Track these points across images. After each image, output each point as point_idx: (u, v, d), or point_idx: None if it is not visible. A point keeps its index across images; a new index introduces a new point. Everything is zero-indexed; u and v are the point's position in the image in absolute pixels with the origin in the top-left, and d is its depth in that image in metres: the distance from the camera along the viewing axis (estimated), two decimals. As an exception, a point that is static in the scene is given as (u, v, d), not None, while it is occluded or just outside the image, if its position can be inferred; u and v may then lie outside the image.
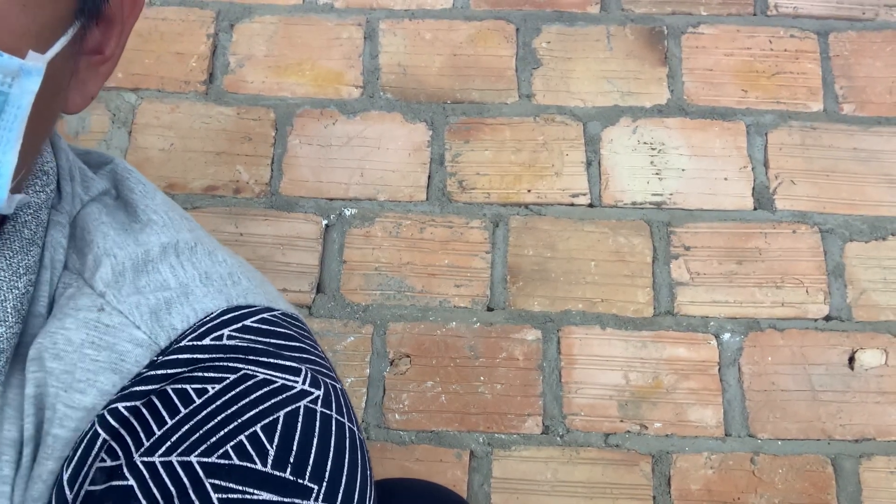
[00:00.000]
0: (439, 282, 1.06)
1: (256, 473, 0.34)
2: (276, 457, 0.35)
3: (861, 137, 1.12)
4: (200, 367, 0.36)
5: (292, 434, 0.36)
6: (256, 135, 1.12)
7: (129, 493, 0.34)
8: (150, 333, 0.38)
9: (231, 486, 0.34)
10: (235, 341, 0.38)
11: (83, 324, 0.37)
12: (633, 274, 1.06)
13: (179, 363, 0.37)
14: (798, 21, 1.18)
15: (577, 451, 1.00)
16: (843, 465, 0.99)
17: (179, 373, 0.36)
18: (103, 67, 0.39)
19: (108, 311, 0.38)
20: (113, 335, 0.37)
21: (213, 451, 0.34)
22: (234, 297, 0.41)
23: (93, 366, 0.37)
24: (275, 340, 0.39)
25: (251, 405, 0.36)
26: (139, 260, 0.40)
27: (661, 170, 1.10)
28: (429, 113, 1.13)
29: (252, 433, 0.35)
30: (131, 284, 0.39)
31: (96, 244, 0.40)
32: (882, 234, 1.08)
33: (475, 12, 1.18)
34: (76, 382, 0.36)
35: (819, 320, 1.04)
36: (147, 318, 0.38)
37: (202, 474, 0.34)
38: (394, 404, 1.01)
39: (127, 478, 0.34)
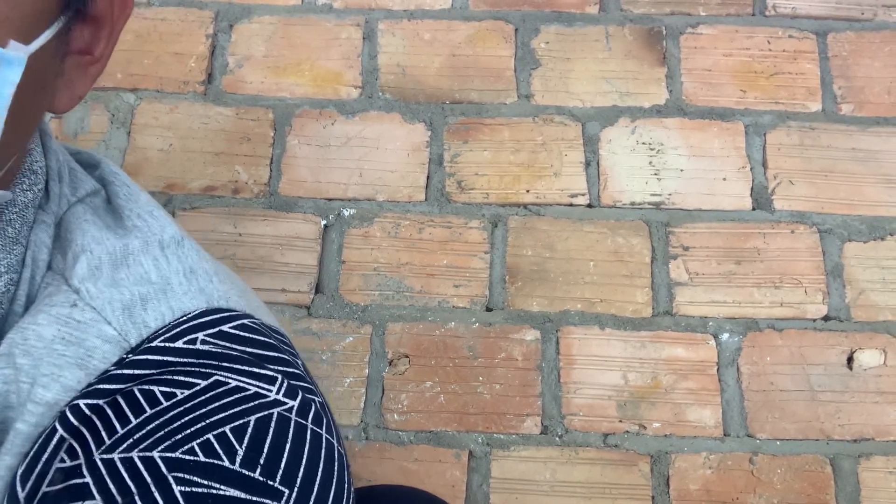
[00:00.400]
0: (438, 282, 1.06)
1: (224, 470, 0.33)
2: (244, 457, 0.33)
3: (859, 137, 1.12)
4: (170, 371, 0.35)
5: (263, 437, 0.34)
6: (255, 135, 1.12)
7: (84, 490, 0.32)
8: (121, 330, 0.37)
9: (195, 479, 0.32)
10: (209, 346, 0.36)
11: (55, 319, 0.36)
12: (632, 274, 1.06)
13: (149, 364, 0.35)
14: (796, 21, 1.18)
15: (575, 451, 1.00)
16: (841, 465, 0.99)
17: (148, 374, 0.35)
18: (92, 68, 0.38)
19: (80, 307, 0.37)
20: (83, 331, 0.36)
21: (178, 447, 0.33)
22: (216, 298, 0.39)
23: (59, 360, 0.35)
24: (252, 349, 0.38)
25: (221, 409, 0.35)
26: (118, 253, 0.39)
27: (659, 170, 1.11)
28: (427, 113, 1.13)
29: (221, 433, 0.34)
30: (108, 277, 0.38)
31: (75, 242, 0.39)
32: (880, 234, 1.08)
33: (474, 13, 1.18)
34: (40, 377, 0.35)
35: (818, 320, 1.05)
36: (119, 314, 0.37)
37: (164, 469, 0.32)
38: (393, 404, 1.01)
39: (84, 475, 0.33)
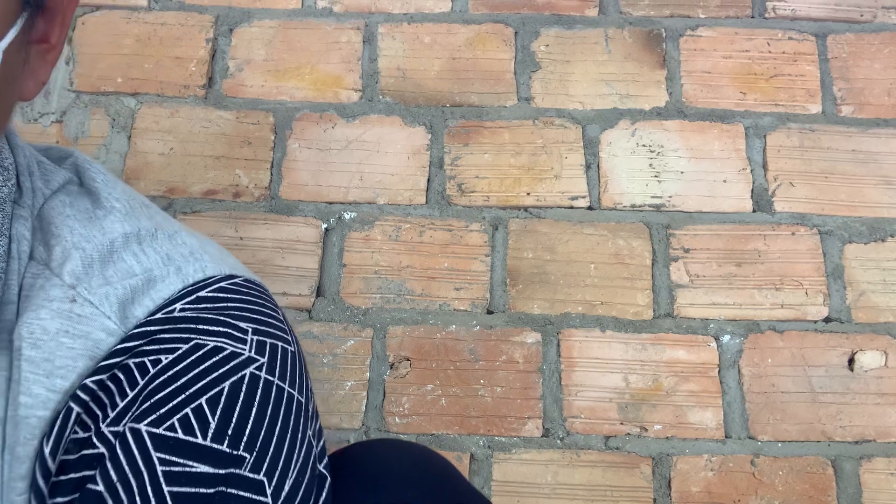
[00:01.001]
0: (439, 285, 1.06)
1: (197, 447, 0.38)
2: (216, 429, 0.39)
3: (859, 139, 1.12)
4: (154, 339, 0.40)
5: (233, 406, 0.40)
6: (256, 139, 1.12)
7: (99, 458, 0.38)
8: (119, 322, 0.41)
9: (174, 458, 0.38)
10: (186, 312, 0.41)
11: (57, 314, 0.40)
12: (633, 276, 1.06)
13: (136, 337, 0.40)
14: (796, 23, 1.18)
15: (577, 453, 1.00)
16: (843, 467, 0.99)
17: (137, 345, 0.40)
18: (50, 55, 0.40)
19: (80, 302, 0.40)
20: (86, 324, 0.40)
21: (162, 422, 0.38)
22: (191, 274, 0.44)
23: (70, 353, 0.39)
24: (227, 306, 0.42)
25: (200, 375, 0.40)
26: (105, 251, 0.42)
27: (659, 172, 1.11)
28: (428, 116, 1.13)
29: (197, 406, 0.39)
30: (100, 275, 0.41)
31: (64, 238, 0.42)
32: (881, 236, 1.08)
33: (473, 16, 1.19)
34: (56, 370, 0.39)
35: (818, 322, 1.05)
36: (116, 309, 0.41)
37: (149, 444, 0.38)
38: (394, 407, 1.01)
39: (97, 446, 0.38)
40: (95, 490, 0.37)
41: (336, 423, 0.99)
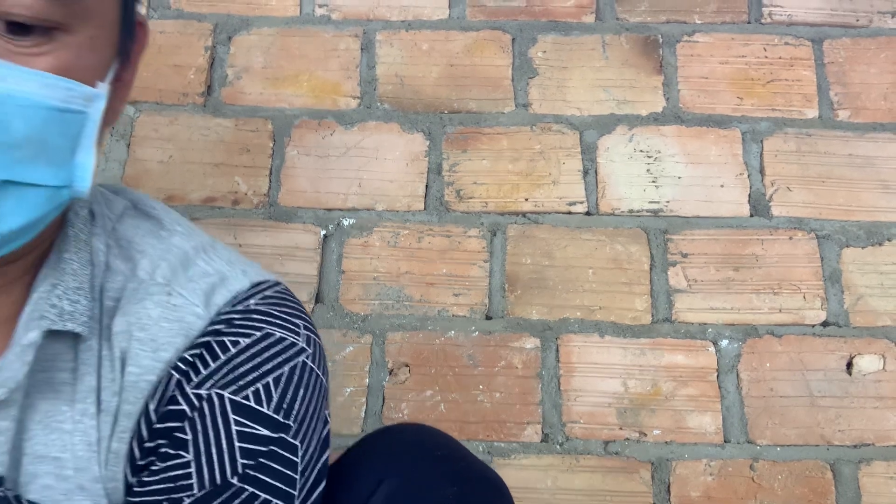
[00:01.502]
0: (438, 291, 1.06)
1: (260, 414, 0.50)
2: (276, 403, 0.51)
3: (856, 144, 1.12)
4: (235, 325, 0.52)
5: (289, 385, 0.52)
6: (254, 146, 1.13)
7: (182, 413, 0.50)
8: (205, 309, 0.53)
9: (244, 420, 0.50)
10: (259, 306, 0.54)
11: (157, 305, 0.52)
12: (631, 281, 1.07)
13: (220, 322, 0.52)
14: (792, 28, 1.18)
15: (576, 458, 1.00)
16: (842, 471, 1.00)
17: (221, 328, 0.52)
18: (124, 91, 0.52)
19: (174, 295, 0.53)
20: (180, 311, 0.52)
21: (240, 391, 0.51)
22: (253, 276, 0.56)
23: (169, 332, 0.51)
24: (286, 305, 0.55)
25: (270, 359, 0.52)
26: (183, 259, 0.55)
27: (657, 177, 1.11)
28: (426, 123, 1.14)
29: (265, 383, 0.51)
30: (184, 276, 0.54)
31: (147, 252, 0.54)
32: (878, 240, 1.08)
33: (471, 23, 1.19)
34: (160, 346, 0.51)
35: (817, 326, 1.05)
36: (201, 299, 0.53)
37: (229, 407, 0.50)
38: (393, 413, 1.01)
39: (180, 402, 0.50)
40: (183, 438, 0.49)
41: (336, 429, 1.00)
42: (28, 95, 0.41)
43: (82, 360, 0.50)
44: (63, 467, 0.49)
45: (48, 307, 0.48)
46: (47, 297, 0.49)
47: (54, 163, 0.45)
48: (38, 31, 0.42)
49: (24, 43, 0.41)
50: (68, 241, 0.51)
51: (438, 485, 0.56)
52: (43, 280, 0.50)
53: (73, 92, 0.44)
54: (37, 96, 0.42)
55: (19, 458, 0.48)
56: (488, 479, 0.61)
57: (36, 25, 0.41)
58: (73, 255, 0.51)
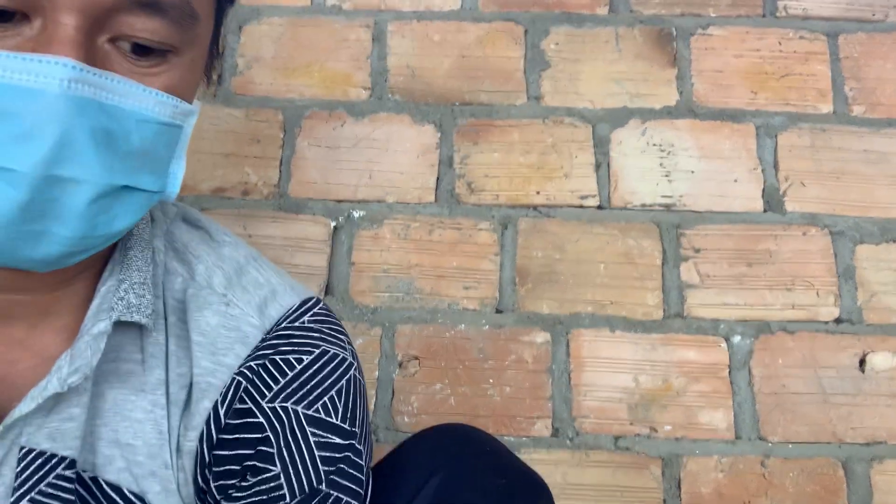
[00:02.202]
0: (448, 284, 1.06)
1: (332, 424, 0.56)
2: (342, 413, 0.56)
3: (871, 139, 1.11)
4: (293, 343, 0.57)
5: (349, 396, 0.57)
6: (265, 136, 1.12)
7: (259, 426, 0.54)
8: (260, 321, 0.58)
9: (319, 432, 0.55)
10: (312, 324, 0.59)
11: (216, 313, 0.57)
12: (643, 276, 1.06)
13: (281, 338, 0.57)
14: (807, 23, 1.17)
15: (586, 453, 0.99)
16: (853, 469, 0.99)
17: (281, 344, 0.57)
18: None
19: (232, 306, 0.57)
20: (237, 321, 0.57)
21: (311, 405, 0.56)
22: (301, 293, 0.61)
23: (227, 339, 0.56)
24: (331, 323, 0.61)
25: (329, 374, 0.57)
26: (237, 268, 0.60)
27: (670, 171, 1.10)
28: (437, 115, 1.13)
29: (330, 396, 0.56)
30: (239, 285, 0.59)
31: (203, 259, 0.59)
32: (893, 237, 1.07)
33: (483, 14, 1.18)
34: (219, 350, 0.56)
35: (830, 323, 1.04)
36: (256, 310, 0.58)
37: (304, 421, 0.55)
38: (403, 406, 1.01)
39: (257, 416, 0.55)
40: (269, 451, 0.54)
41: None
42: (145, 111, 0.46)
43: (150, 353, 0.54)
44: (136, 453, 0.53)
45: (116, 300, 0.52)
46: (115, 291, 0.52)
47: (155, 171, 0.49)
48: (157, 52, 0.46)
49: (143, 63, 0.46)
50: (133, 239, 0.55)
51: (486, 477, 0.60)
52: (110, 275, 0.53)
53: (178, 109, 0.48)
54: (152, 112, 0.46)
55: (95, 442, 0.52)
56: (533, 476, 0.65)
57: (157, 48, 0.46)
58: (137, 252, 0.55)
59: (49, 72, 0.41)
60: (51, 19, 0.42)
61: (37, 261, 0.46)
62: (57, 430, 0.49)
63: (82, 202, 0.44)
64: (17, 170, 0.41)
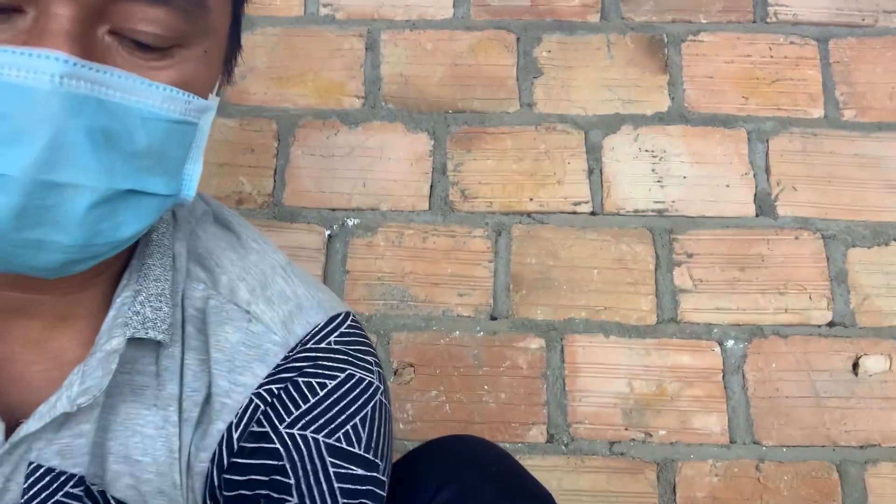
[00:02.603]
0: (442, 291, 1.06)
1: (354, 454, 0.52)
2: (365, 443, 0.53)
3: (862, 143, 1.12)
4: (318, 365, 0.54)
5: (374, 424, 0.54)
6: (259, 146, 1.13)
7: (275, 452, 0.51)
8: (283, 339, 0.54)
9: (340, 462, 0.52)
10: (338, 346, 0.55)
11: (237, 329, 0.54)
12: (636, 281, 1.06)
13: (305, 359, 0.54)
14: (798, 28, 1.18)
15: (581, 459, 1.00)
16: (848, 472, 0.99)
17: (305, 366, 0.54)
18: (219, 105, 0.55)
19: (254, 322, 0.54)
20: (259, 338, 0.54)
21: (333, 434, 0.52)
22: (328, 308, 0.57)
23: (247, 357, 0.53)
24: (360, 342, 0.57)
25: (354, 400, 0.54)
26: (262, 280, 0.56)
27: (662, 177, 1.11)
28: (430, 122, 1.14)
29: (353, 424, 0.53)
30: (263, 297, 0.55)
31: (227, 269, 0.56)
32: (885, 240, 1.08)
33: (476, 22, 1.19)
34: (236, 367, 0.53)
35: (822, 326, 1.04)
36: (280, 327, 0.54)
37: (325, 451, 0.52)
38: (398, 414, 1.01)
39: (274, 441, 0.51)
40: (286, 482, 0.51)
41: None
42: (151, 108, 0.42)
43: (164, 367, 0.52)
44: (144, 470, 0.51)
45: (131, 314, 0.49)
46: (130, 304, 0.50)
47: (168, 172, 0.46)
48: (160, 43, 0.42)
49: (149, 56, 0.42)
50: (151, 245, 0.53)
51: (494, 492, 0.58)
52: (126, 286, 0.51)
53: (191, 105, 0.45)
54: (160, 109, 0.43)
55: (104, 456, 0.50)
56: (540, 495, 0.62)
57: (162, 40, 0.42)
58: (155, 260, 0.52)
59: (40, 67, 0.38)
60: (44, 10, 0.38)
61: (39, 269, 0.43)
62: (66, 447, 0.48)
63: (81, 209, 0.41)
64: (6, 174, 0.38)
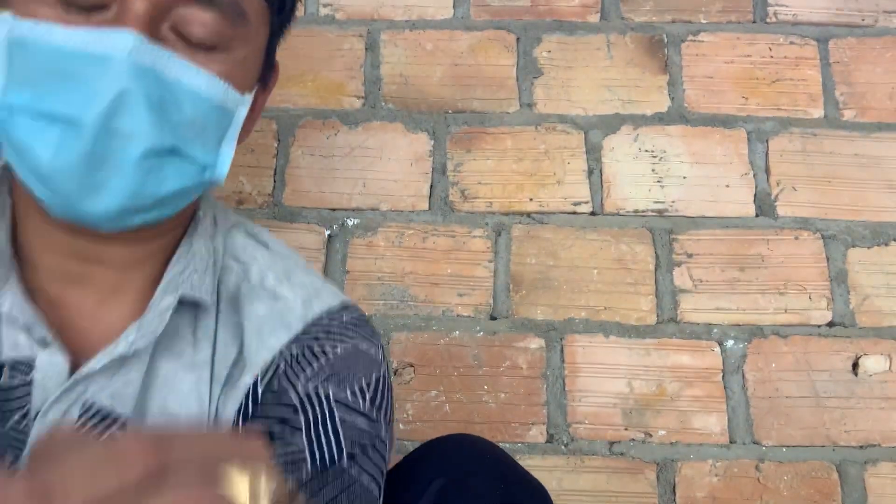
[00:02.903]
0: (442, 291, 1.06)
1: (358, 411, 0.60)
2: (369, 404, 0.61)
3: (862, 143, 1.12)
4: (332, 335, 0.63)
5: (377, 391, 0.62)
6: (259, 146, 1.13)
7: (291, 402, 0.59)
8: (303, 314, 0.63)
9: (346, 414, 0.59)
10: (349, 324, 0.64)
11: (265, 306, 0.62)
12: (636, 282, 1.06)
13: (321, 330, 0.63)
14: (798, 28, 1.18)
15: (581, 459, 1.00)
16: (848, 472, 0.99)
17: (320, 335, 0.62)
18: (256, 115, 0.63)
19: (279, 299, 0.63)
20: (282, 313, 0.62)
21: (341, 390, 0.60)
22: (341, 296, 0.67)
23: (273, 326, 0.61)
24: (367, 326, 0.66)
25: (361, 367, 0.62)
26: (287, 271, 0.65)
27: (662, 177, 1.11)
28: (430, 123, 1.14)
29: (360, 386, 0.61)
30: (286, 283, 0.64)
31: (257, 261, 0.65)
32: (884, 240, 1.08)
33: (476, 22, 1.19)
34: (265, 334, 0.61)
35: (822, 326, 1.05)
36: (300, 305, 0.63)
37: (333, 401, 0.60)
38: (398, 414, 1.01)
39: (290, 393, 0.60)
40: (297, 427, 0.59)
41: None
42: (196, 88, 0.53)
43: (200, 336, 0.60)
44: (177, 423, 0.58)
45: (182, 280, 0.59)
46: (181, 273, 0.59)
47: (206, 146, 0.55)
48: (210, 44, 0.53)
49: (197, 52, 0.53)
50: (198, 233, 0.62)
51: (487, 482, 0.62)
52: (177, 261, 0.60)
53: (229, 94, 0.55)
54: (204, 90, 0.53)
55: (146, 409, 0.58)
56: (533, 483, 0.66)
57: (209, 40, 0.53)
58: (201, 245, 0.62)
59: (117, 40, 0.49)
60: (122, 5, 0.50)
61: (98, 215, 0.52)
62: (117, 392, 0.56)
63: (136, 155, 0.51)
64: (82, 119, 0.49)
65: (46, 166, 0.50)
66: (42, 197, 0.52)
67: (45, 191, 0.51)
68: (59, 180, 0.50)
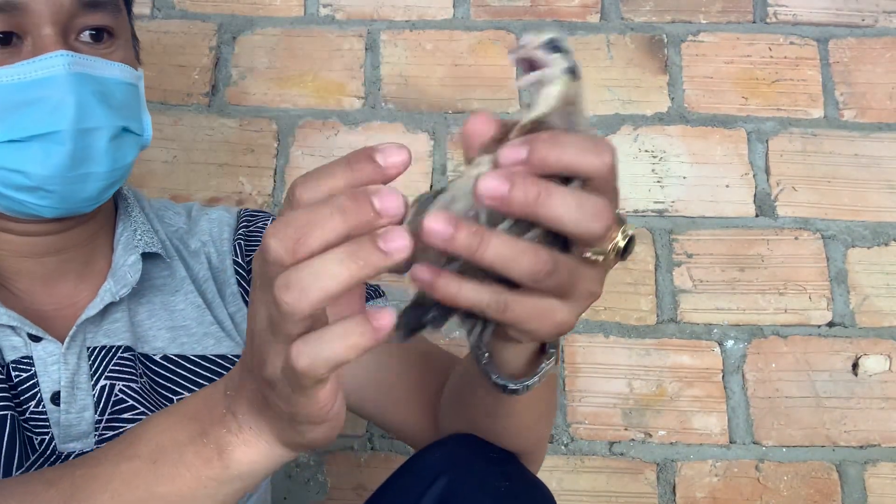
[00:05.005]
0: (442, 291, 1.06)
1: None
2: None
3: (862, 143, 1.12)
4: (258, 217, 0.79)
5: None
6: (259, 146, 1.13)
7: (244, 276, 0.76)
8: (229, 215, 0.79)
9: None
10: (258, 212, 0.81)
11: (205, 221, 0.78)
12: (636, 282, 1.06)
13: (248, 215, 0.79)
14: (797, 28, 1.18)
15: (581, 459, 1.00)
16: (847, 472, 0.99)
17: (250, 220, 0.78)
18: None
19: (210, 214, 0.79)
20: (219, 220, 0.78)
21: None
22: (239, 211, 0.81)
23: (219, 229, 0.77)
24: (269, 213, 0.82)
25: None
26: (201, 208, 0.80)
27: (662, 177, 1.11)
28: (430, 123, 1.14)
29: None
30: (206, 210, 0.80)
31: (170, 207, 0.79)
32: (884, 240, 1.08)
33: (476, 22, 1.19)
34: (216, 239, 0.77)
35: (822, 327, 1.05)
36: (225, 213, 0.79)
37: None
38: (398, 414, 1.01)
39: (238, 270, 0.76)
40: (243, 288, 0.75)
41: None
42: (116, 76, 0.65)
43: (172, 268, 0.73)
44: (188, 329, 0.71)
45: (136, 241, 0.70)
46: (132, 237, 0.71)
47: (136, 118, 0.68)
48: (104, 38, 0.65)
49: (100, 46, 0.64)
50: (128, 205, 0.74)
51: (490, 479, 0.61)
52: (123, 230, 0.71)
53: (133, 74, 0.68)
54: (120, 76, 0.65)
55: (156, 332, 0.70)
56: (536, 481, 0.67)
57: (105, 33, 0.64)
58: (135, 213, 0.73)
59: (55, 63, 0.61)
60: (37, 35, 0.61)
61: (86, 199, 0.64)
62: (109, 329, 0.67)
63: (104, 143, 0.63)
64: (60, 130, 0.60)
65: (38, 176, 0.61)
66: (35, 205, 0.63)
67: (37, 200, 0.62)
68: (51, 184, 0.61)
